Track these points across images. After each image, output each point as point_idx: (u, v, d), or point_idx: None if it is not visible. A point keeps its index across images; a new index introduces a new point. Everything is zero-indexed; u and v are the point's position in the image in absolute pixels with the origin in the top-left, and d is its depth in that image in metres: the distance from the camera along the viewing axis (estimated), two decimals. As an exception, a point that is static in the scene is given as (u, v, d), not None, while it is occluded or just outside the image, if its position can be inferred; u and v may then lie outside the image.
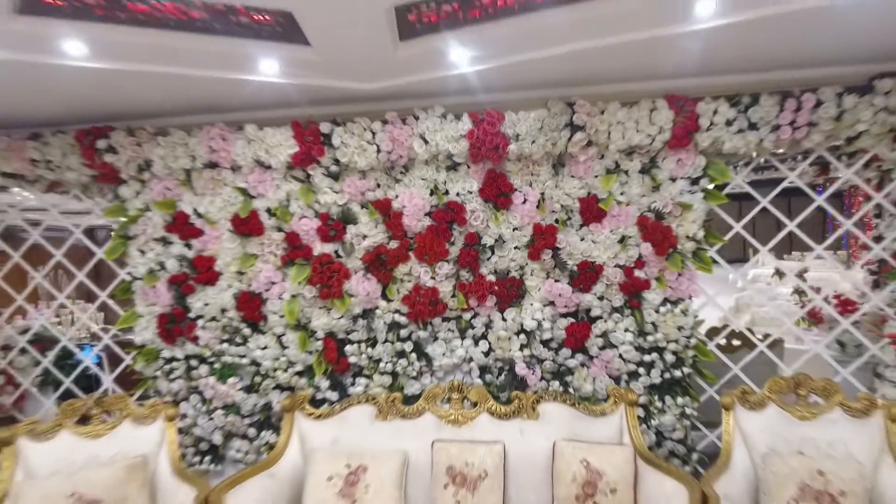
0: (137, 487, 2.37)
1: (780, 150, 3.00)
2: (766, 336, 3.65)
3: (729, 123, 2.83)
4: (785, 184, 3.16)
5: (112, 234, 3.35)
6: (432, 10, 2.15)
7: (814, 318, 3.57)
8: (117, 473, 2.36)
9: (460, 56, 2.49)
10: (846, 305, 3.19)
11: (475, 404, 2.76)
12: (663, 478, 2.25)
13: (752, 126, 2.83)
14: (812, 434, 2.36)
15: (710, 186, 3.01)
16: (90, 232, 9.08)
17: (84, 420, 2.57)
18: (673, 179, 2.98)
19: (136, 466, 2.41)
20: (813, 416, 2.42)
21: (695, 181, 2.98)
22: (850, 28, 2.31)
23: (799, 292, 4.60)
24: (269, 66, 2.53)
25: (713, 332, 3.50)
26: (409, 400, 2.90)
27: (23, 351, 3.60)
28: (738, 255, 7.93)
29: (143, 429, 2.59)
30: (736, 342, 3.65)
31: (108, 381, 3.54)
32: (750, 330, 3.50)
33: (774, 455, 2.30)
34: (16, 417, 3.65)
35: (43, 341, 3.76)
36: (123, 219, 3.32)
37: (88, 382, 3.95)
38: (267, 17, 2.15)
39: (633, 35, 2.29)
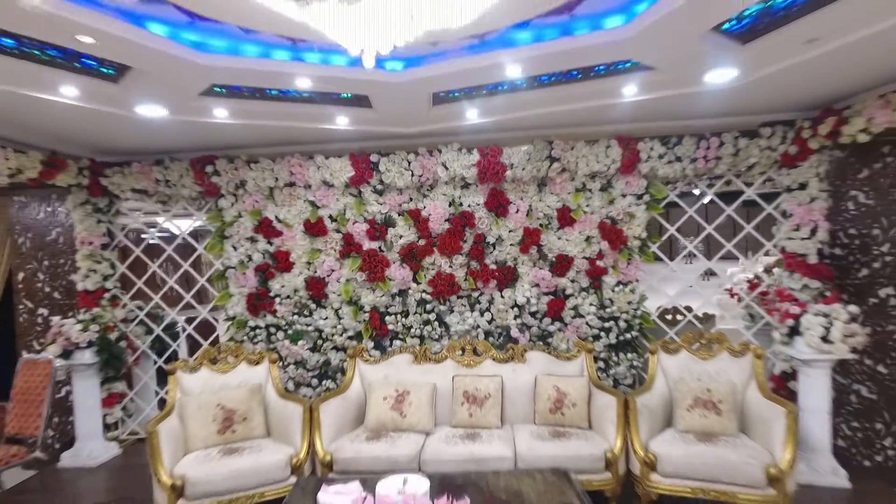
0: (256, 403, 3.62)
1: (702, 175, 4.24)
2: (705, 314, 4.91)
3: (661, 157, 4.09)
4: (707, 198, 4.41)
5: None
6: (455, 91, 3.39)
7: (732, 297, 4.77)
8: (243, 394, 3.60)
9: (472, 113, 3.75)
10: (754, 288, 4.41)
11: (481, 353, 4.01)
12: (605, 395, 3.50)
13: (678, 159, 4.08)
14: (707, 368, 3.60)
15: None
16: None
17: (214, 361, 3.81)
18: (623, 195, 4.23)
19: (254, 390, 3.66)
20: (710, 356, 3.66)
21: (639, 197, 4.23)
22: (732, 97, 3.54)
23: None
24: (342, 120, 3.78)
25: (664, 311, 4.76)
26: (435, 352, 4.14)
27: (139, 322, 4.84)
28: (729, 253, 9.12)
29: (253, 367, 3.83)
30: (679, 317, 4.88)
31: (206, 344, 4.78)
32: (688, 308, 4.75)
33: (681, 381, 3.54)
34: (132, 372, 4.89)
35: (148, 315, 4.99)
36: (219, 223, 4.58)
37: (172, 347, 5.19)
38: (349, 94, 3.39)
39: (588, 104, 3.54)
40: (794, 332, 3.67)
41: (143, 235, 5.20)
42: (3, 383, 4.84)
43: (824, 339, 3.47)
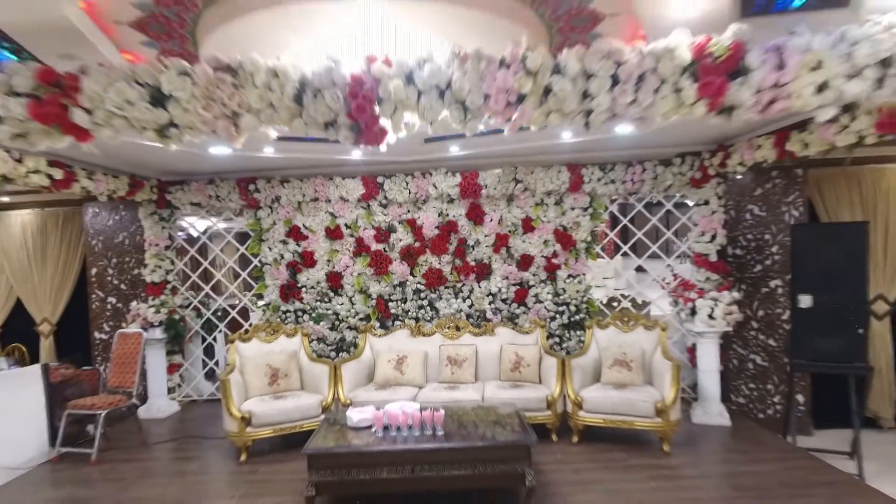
0: (294, 365, 4.99)
1: (632, 193, 5.61)
2: (644, 302, 6.27)
3: (600, 179, 5.45)
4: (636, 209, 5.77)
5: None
6: (440, 136, 4.75)
7: (662, 288, 6.11)
8: (284, 357, 4.97)
9: (454, 148, 5.11)
10: (676, 279, 5.76)
11: (461, 329, 5.38)
12: (551, 358, 4.87)
13: (612, 181, 5.44)
14: (626, 338, 4.97)
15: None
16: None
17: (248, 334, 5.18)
18: (572, 209, 5.61)
19: (292, 355, 5.03)
20: (629, 330, 5.03)
21: (584, 209, 5.60)
22: (646, 138, 4.89)
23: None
24: (356, 153, 5.15)
25: (612, 300, 6.12)
26: (427, 329, 5.51)
27: (193, 308, 6.21)
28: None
29: (290, 339, 5.20)
30: (624, 304, 6.23)
31: (246, 324, 6.16)
32: (624, 296, 6.10)
33: (607, 348, 4.90)
34: (185, 347, 6.26)
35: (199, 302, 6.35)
36: (257, 229, 5.95)
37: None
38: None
39: (538, 143, 4.90)
40: (693, 312, 5.04)
41: (177, 234, 6.52)
42: (85, 353, 6.27)
43: (710, 316, 4.85)
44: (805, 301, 4.61)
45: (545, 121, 2.29)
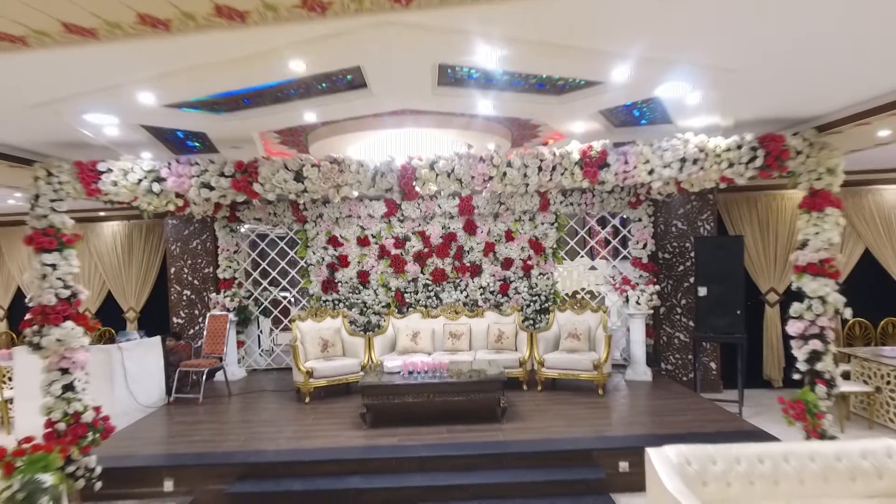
0: (338, 338, 7.13)
1: (586, 212, 7.78)
2: (598, 293, 8.45)
3: (562, 202, 7.62)
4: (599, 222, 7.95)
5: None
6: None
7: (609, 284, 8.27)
8: (331, 332, 7.11)
9: (454, 180, 7.27)
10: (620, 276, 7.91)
11: (459, 313, 7.53)
12: (524, 332, 7.04)
13: (571, 203, 7.61)
14: (578, 318, 7.13)
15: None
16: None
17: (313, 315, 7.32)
18: (542, 223, 7.78)
19: (336, 330, 7.17)
20: (581, 312, 7.18)
21: (552, 224, 7.76)
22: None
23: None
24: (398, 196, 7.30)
25: (575, 292, 8.29)
26: (434, 313, 7.66)
27: (252, 298, 8.35)
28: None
29: (334, 320, 7.35)
30: (585, 296, 8.39)
31: (295, 310, 8.30)
32: (584, 289, 8.27)
33: (564, 325, 7.07)
34: (247, 329, 8.39)
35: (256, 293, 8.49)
36: (302, 237, 8.10)
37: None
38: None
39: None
40: (627, 300, 7.20)
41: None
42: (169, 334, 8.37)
43: (637, 302, 7.01)
44: (702, 291, 6.78)
45: (504, 189, 4.43)
